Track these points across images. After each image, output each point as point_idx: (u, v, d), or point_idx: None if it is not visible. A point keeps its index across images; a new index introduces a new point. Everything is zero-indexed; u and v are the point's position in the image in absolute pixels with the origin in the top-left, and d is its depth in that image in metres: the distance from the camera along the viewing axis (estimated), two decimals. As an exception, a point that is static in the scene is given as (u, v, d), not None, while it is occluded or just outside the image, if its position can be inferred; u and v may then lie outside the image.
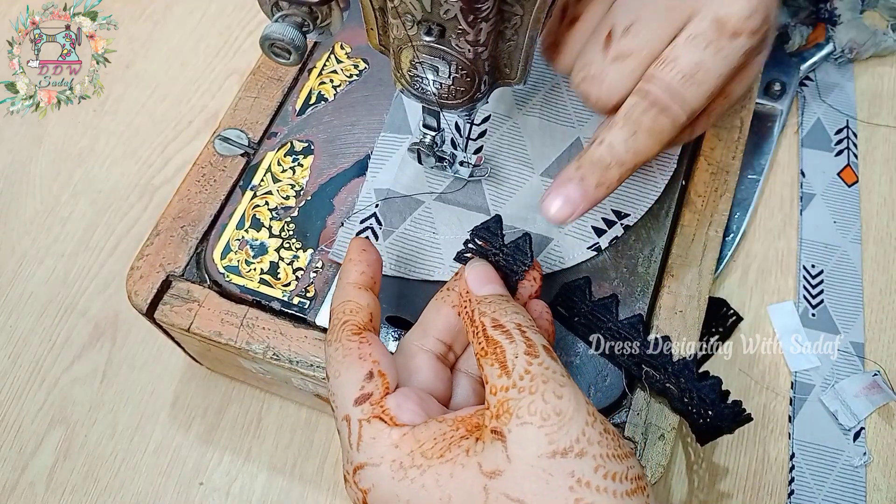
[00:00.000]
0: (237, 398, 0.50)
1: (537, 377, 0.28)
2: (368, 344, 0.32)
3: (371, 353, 0.31)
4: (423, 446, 0.28)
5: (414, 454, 0.28)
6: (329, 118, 0.47)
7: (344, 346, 0.32)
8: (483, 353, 0.30)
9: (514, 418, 0.27)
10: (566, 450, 0.26)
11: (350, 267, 0.35)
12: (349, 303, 0.33)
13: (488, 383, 0.29)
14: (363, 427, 0.29)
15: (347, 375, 0.31)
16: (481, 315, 0.31)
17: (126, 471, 0.48)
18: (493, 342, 0.30)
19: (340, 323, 0.33)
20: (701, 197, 0.44)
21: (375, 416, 0.30)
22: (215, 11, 0.67)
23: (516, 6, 0.31)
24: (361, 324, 0.33)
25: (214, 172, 0.45)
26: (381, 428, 0.29)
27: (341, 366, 0.31)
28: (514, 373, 0.28)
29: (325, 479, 0.47)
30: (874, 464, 0.46)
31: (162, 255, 0.43)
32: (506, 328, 0.30)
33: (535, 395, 0.27)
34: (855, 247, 0.52)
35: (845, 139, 0.57)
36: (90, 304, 0.53)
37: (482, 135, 0.46)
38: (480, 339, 0.30)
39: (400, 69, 0.35)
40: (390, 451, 0.29)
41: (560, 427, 0.26)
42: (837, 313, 0.50)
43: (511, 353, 0.29)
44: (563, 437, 0.26)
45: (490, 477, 0.26)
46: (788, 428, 0.47)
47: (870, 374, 0.48)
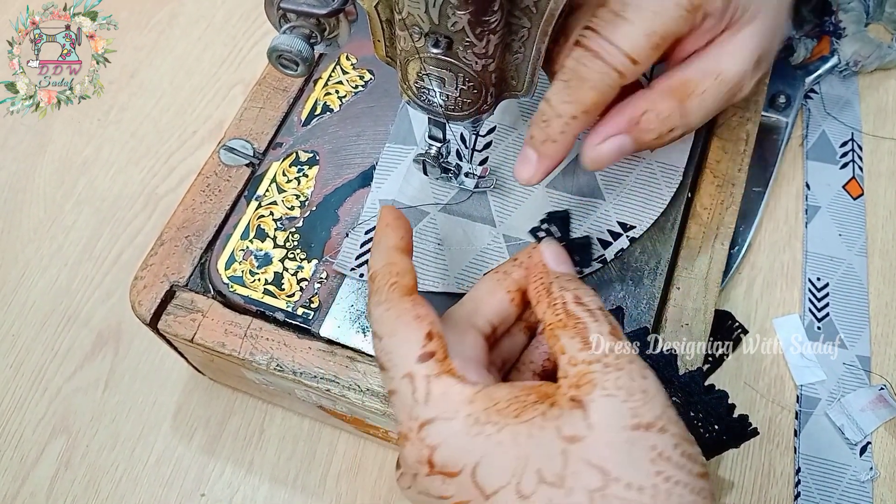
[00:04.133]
0: (240, 409, 0.50)
1: (623, 357, 0.28)
2: (423, 306, 0.31)
3: (427, 314, 0.31)
4: (498, 405, 0.28)
5: (489, 411, 0.28)
6: (334, 129, 0.47)
7: (396, 305, 0.31)
8: (561, 325, 0.30)
9: (598, 389, 0.27)
10: (649, 424, 0.27)
11: (389, 231, 0.35)
12: (395, 265, 0.33)
13: (565, 354, 0.29)
14: (432, 382, 0.29)
15: (405, 334, 0.30)
16: (562, 289, 0.32)
17: (127, 482, 0.48)
18: (574, 317, 0.30)
19: (388, 284, 0.32)
20: (707, 209, 0.44)
21: (445, 371, 0.29)
22: (221, 21, 0.67)
23: (524, 19, 0.31)
24: (409, 286, 0.32)
25: (219, 182, 0.45)
26: (451, 383, 0.29)
27: (397, 324, 0.31)
28: (598, 349, 0.29)
29: (327, 491, 0.47)
30: (881, 479, 0.46)
31: (166, 265, 0.43)
32: (589, 308, 0.31)
33: (622, 373, 0.28)
34: (861, 259, 0.52)
35: (850, 152, 0.56)
36: (93, 314, 0.53)
37: (487, 146, 0.46)
38: (559, 311, 0.31)
39: (406, 81, 0.35)
40: (464, 406, 0.28)
41: (644, 403, 0.27)
42: (843, 326, 0.50)
43: (595, 330, 0.29)
44: (647, 412, 0.27)
45: (569, 441, 0.27)
46: (794, 442, 0.47)
47: (876, 388, 0.47)
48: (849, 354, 0.49)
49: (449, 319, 0.34)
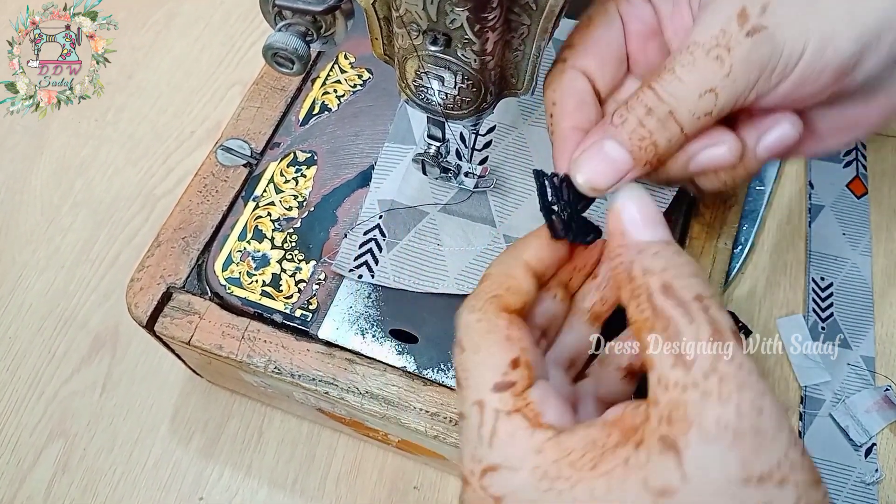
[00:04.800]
0: (238, 412, 0.49)
1: (730, 380, 0.22)
2: (518, 328, 0.27)
3: (521, 338, 0.27)
4: (571, 455, 0.24)
5: (560, 463, 0.24)
6: (332, 128, 0.47)
7: (490, 320, 0.27)
8: (648, 326, 0.24)
9: (694, 428, 0.22)
10: (764, 476, 0.21)
11: (535, 244, 0.30)
12: (512, 279, 0.28)
13: (655, 369, 0.23)
14: (500, 420, 0.25)
15: (489, 353, 0.26)
16: (647, 273, 0.25)
17: (125, 485, 0.47)
18: (662, 315, 0.24)
19: (491, 294, 0.28)
20: (709, 209, 0.44)
21: (517, 409, 0.25)
22: (218, 21, 0.66)
23: (524, 16, 0.30)
24: (513, 307, 0.28)
25: (216, 183, 0.45)
26: (522, 426, 0.25)
27: (484, 341, 0.27)
28: (695, 367, 0.22)
29: (326, 495, 0.46)
30: (886, 480, 0.45)
31: (163, 266, 0.42)
32: (683, 299, 0.24)
33: (727, 405, 0.22)
34: (865, 259, 0.52)
35: (854, 150, 0.56)
36: (90, 316, 0.53)
37: (487, 145, 0.45)
38: (643, 305, 0.24)
39: (405, 79, 0.35)
40: (531, 457, 0.24)
41: (758, 449, 0.21)
42: (847, 327, 0.49)
43: (691, 336, 0.23)
44: (761, 461, 0.21)
45: (660, 495, 0.22)
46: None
47: (881, 388, 0.47)
48: (853, 355, 0.49)
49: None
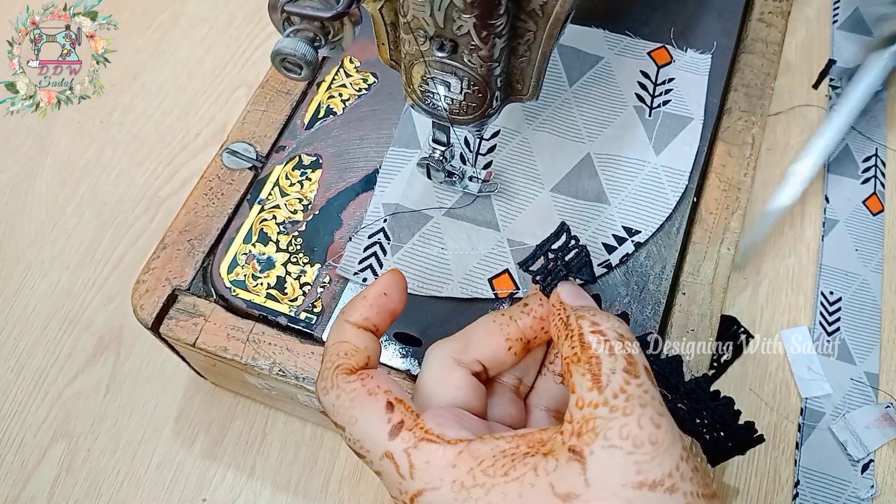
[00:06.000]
0: (242, 413, 0.49)
1: (634, 399, 0.25)
2: (370, 378, 0.29)
3: (378, 384, 0.29)
4: (483, 464, 0.26)
5: (474, 472, 0.26)
6: (338, 132, 0.47)
7: (345, 390, 0.29)
8: (575, 359, 0.27)
9: (599, 439, 0.24)
10: (656, 483, 0.24)
11: (358, 305, 0.32)
12: (344, 344, 0.31)
13: (575, 393, 0.26)
14: (411, 454, 0.27)
15: (366, 416, 0.28)
16: (579, 318, 0.29)
17: (129, 486, 0.47)
18: (587, 349, 0.27)
19: (333, 367, 0.30)
20: (712, 214, 0.44)
21: (420, 439, 0.27)
22: (223, 23, 0.67)
23: (530, 22, 0.31)
24: (356, 367, 0.30)
25: (222, 186, 0.45)
26: (432, 449, 0.27)
27: (353, 410, 0.29)
28: (607, 389, 0.25)
29: (329, 496, 0.47)
30: (882, 497, 0.45)
31: (168, 268, 0.42)
32: (606, 336, 0.27)
33: (630, 418, 0.25)
34: (876, 276, 0.52)
35: (873, 167, 0.56)
36: (94, 317, 0.53)
37: (492, 150, 0.45)
38: (575, 343, 0.28)
39: (411, 84, 0.35)
40: (448, 472, 0.26)
41: (653, 457, 0.24)
42: (854, 342, 0.49)
43: (608, 367, 0.26)
44: (654, 468, 0.24)
45: (564, 500, 0.24)
46: (795, 454, 0.47)
47: (882, 405, 0.47)
48: (857, 370, 0.48)
49: (435, 356, 0.32)
